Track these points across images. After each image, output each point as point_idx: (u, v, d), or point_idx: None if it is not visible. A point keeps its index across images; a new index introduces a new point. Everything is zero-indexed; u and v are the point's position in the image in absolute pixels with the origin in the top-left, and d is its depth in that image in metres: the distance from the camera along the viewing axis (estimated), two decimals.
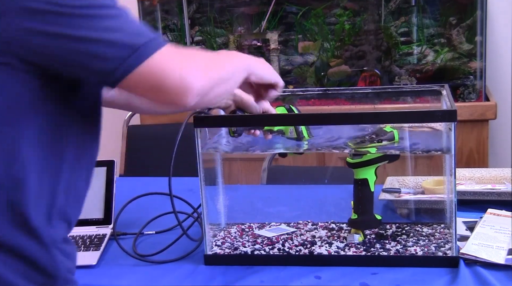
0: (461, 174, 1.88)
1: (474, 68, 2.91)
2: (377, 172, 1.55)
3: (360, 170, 1.55)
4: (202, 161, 1.54)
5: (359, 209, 1.56)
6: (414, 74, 2.97)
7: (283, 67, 3.08)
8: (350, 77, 3.04)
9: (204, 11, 3.08)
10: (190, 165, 1.81)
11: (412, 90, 1.79)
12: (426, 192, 1.79)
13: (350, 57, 3.02)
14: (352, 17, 2.99)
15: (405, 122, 1.52)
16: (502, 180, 1.84)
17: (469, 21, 2.90)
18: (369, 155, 1.52)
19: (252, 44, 3.07)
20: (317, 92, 2.20)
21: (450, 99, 1.51)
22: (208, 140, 1.59)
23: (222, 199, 1.69)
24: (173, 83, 1.08)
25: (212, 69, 1.17)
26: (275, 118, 1.55)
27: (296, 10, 3.03)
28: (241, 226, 1.71)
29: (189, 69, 1.10)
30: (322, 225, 1.69)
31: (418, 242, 1.56)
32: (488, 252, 1.46)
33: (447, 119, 1.42)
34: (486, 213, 1.65)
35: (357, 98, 1.81)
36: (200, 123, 1.51)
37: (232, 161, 2.57)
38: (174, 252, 1.59)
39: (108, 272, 1.54)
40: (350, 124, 1.57)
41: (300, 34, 3.05)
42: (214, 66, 1.19)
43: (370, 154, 1.51)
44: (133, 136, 2.69)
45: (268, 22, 3.03)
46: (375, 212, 1.59)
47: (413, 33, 2.97)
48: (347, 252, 1.54)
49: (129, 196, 1.82)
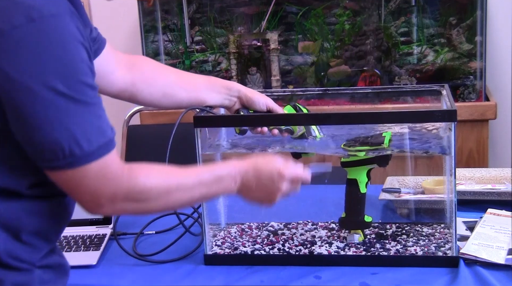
0: (461, 174, 1.88)
1: (474, 68, 2.91)
2: (370, 174, 1.55)
3: (351, 170, 1.55)
4: (202, 161, 1.54)
5: (347, 208, 1.57)
6: (414, 74, 2.97)
7: (283, 67, 3.08)
8: (350, 77, 3.04)
9: (204, 11, 3.08)
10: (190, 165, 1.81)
11: (412, 90, 1.78)
12: (426, 192, 1.79)
13: (350, 57, 3.02)
14: (352, 17, 2.99)
15: (405, 122, 1.53)
16: (502, 180, 1.84)
17: (469, 21, 2.89)
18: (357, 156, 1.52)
19: (252, 44, 3.07)
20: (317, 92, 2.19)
21: (450, 99, 1.51)
22: (208, 139, 1.59)
23: (222, 199, 1.69)
24: (84, 199, 1.16)
25: (136, 201, 1.18)
26: (275, 118, 1.55)
27: (296, 10, 3.03)
28: (241, 226, 1.71)
29: (102, 197, 1.15)
30: (322, 225, 1.69)
31: (418, 242, 1.56)
32: (488, 252, 1.46)
33: (447, 119, 1.42)
34: (486, 213, 1.65)
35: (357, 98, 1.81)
36: (200, 123, 1.51)
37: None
38: (174, 252, 1.59)
39: (108, 272, 1.54)
40: (350, 124, 1.57)
41: (300, 34, 3.05)
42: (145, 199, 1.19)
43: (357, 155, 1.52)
44: (133, 136, 2.69)
45: (268, 22, 3.03)
46: (374, 213, 1.59)
47: (413, 33, 2.97)
48: (347, 252, 1.54)
49: None
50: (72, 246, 1.64)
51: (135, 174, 1.18)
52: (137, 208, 1.20)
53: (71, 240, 1.66)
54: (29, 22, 1.04)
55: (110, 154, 1.13)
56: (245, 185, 1.30)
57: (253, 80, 3.07)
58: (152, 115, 3.00)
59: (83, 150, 1.09)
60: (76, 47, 1.08)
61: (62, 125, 1.07)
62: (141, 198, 1.19)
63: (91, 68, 1.12)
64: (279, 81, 3.06)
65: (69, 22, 1.08)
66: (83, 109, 1.09)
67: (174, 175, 1.24)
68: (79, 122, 1.09)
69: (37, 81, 1.05)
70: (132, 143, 2.68)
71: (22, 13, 1.04)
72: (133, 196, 1.18)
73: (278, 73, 3.06)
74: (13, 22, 1.04)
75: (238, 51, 3.07)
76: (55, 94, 1.06)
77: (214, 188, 1.28)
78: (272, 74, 3.05)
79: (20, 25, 1.04)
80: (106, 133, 1.13)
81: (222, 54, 3.11)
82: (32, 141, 1.09)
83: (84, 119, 1.09)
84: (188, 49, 3.12)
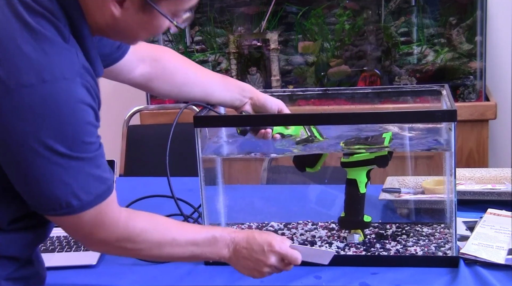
0: (461, 174, 1.88)
1: (474, 68, 2.91)
2: (370, 174, 1.55)
3: (350, 171, 1.55)
4: (202, 161, 1.54)
5: (346, 208, 1.57)
6: (414, 74, 2.97)
7: (283, 67, 3.08)
8: (350, 77, 3.04)
9: (204, 11, 3.08)
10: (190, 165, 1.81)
11: (412, 90, 1.78)
12: (426, 192, 1.79)
13: (350, 57, 3.02)
14: (352, 17, 2.99)
15: (405, 122, 1.53)
16: (502, 180, 1.84)
17: (469, 21, 2.89)
18: (357, 156, 1.52)
19: (252, 44, 3.07)
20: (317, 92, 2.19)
21: (450, 99, 1.51)
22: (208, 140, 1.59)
23: (222, 199, 1.69)
24: (78, 238, 1.23)
25: (129, 249, 1.23)
26: (276, 118, 1.55)
27: (296, 10, 3.03)
28: (241, 226, 1.71)
29: (96, 240, 1.19)
30: (322, 225, 1.69)
31: (418, 242, 1.56)
32: (488, 252, 1.46)
33: (447, 119, 1.42)
34: (486, 213, 1.65)
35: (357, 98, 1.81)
36: (200, 123, 1.51)
37: (232, 161, 2.57)
38: None
39: (108, 272, 1.54)
40: (350, 124, 1.56)
41: (300, 34, 3.05)
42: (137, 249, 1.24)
43: (357, 155, 1.52)
44: (133, 136, 2.69)
45: (268, 22, 3.03)
46: (374, 213, 1.59)
47: (413, 33, 2.97)
48: (347, 252, 1.54)
49: (129, 196, 1.82)
50: (72, 246, 1.64)
51: (132, 223, 1.21)
52: (129, 254, 1.27)
53: (71, 240, 1.66)
54: (39, 83, 1.04)
55: (108, 200, 1.16)
56: (236, 253, 1.32)
57: (253, 80, 3.07)
58: (152, 115, 3.00)
59: (81, 201, 1.12)
60: (82, 110, 1.08)
61: (61, 181, 1.09)
62: (134, 247, 1.22)
63: (96, 125, 1.13)
64: (279, 81, 3.06)
65: (79, 84, 1.08)
66: (83, 164, 1.10)
67: (170, 229, 1.27)
68: (78, 177, 1.10)
69: (39, 141, 1.06)
70: (132, 143, 2.68)
71: (34, 72, 1.04)
72: (126, 244, 1.21)
73: (278, 73, 3.06)
74: (23, 81, 1.04)
75: (238, 51, 3.07)
76: (55, 154, 1.07)
77: (207, 250, 1.30)
78: (272, 74, 3.05)
79: (30, 85, 1.04)
80: (105, 180, 1.15)
81: (222, 54, 3.11)
82: (31, 193, 1.11)
83: (83, 173, 1.11)
84: (188, 49, 3.12)
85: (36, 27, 1.06)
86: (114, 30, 1.16)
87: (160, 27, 1.17)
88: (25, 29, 1.05)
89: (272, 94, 1.68)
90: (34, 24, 1.06)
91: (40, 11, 1.07)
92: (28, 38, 1.05)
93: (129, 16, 1.12)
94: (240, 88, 1.58)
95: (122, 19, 1.13)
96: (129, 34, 1.19)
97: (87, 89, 1.09)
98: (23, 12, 1.06)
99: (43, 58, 1.05)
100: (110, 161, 1.79)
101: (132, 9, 1.11)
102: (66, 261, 1.58)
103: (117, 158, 2.26)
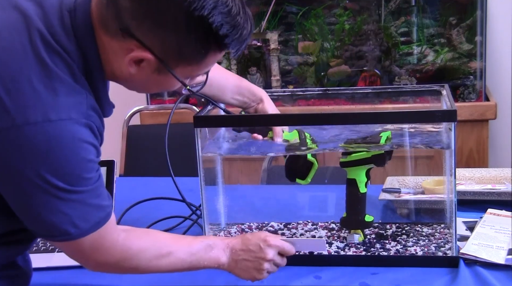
0: (461, 174, 1.88)
1: (474, 68, 2.91)
2: (369, 174, 1.55)
3: (350, 170, 1.55)
4: (202, 161, 1.54)
5: (348, 208, 1.57)
6: (414, 74, 2.97)
7: (283, 67, 3.08)
8: (350, 77, 3.04)
9: None
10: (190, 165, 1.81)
11: (412, 90, 1.78)
12: (426, 192, 1.79)
13: (350, 57, 3.02)
14: (352, 17, 2.99)
15: (405, 122, 1.52)
16: (502, 180, 1.84)
17: (469, 21, 2.89)
18: (355, 155, 1.52)
19: (252, 44, 3.07)
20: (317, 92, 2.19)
21: (450, 99, 1.51)
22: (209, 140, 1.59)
23: (222, 199, 1.69)
24: (77, 260, 1.24)
25: (127, 269, 1.27)
26: (275, 118, 1.55)
27: (296, 10, 3.03)
28: (241, 226, 1.71)
29: (94, 262, 1.23)
30: (322, 225, 1.69)
31: (418, 242, 1.56)
32: (488, 252, 1.46)
33: (447, 119, 1.42)
34: (486, 213, 1.65)
35: (357, 98, 1.81)
36: (200, 123, 1.51)
37: (232, 161, 2.57)
38: None
39: None
40: (350, 124, 1.56)
41: (300, 34, 3.05)
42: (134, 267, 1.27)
43: (355, 154, 1.52)
44: (133, 136, 2.69)
45: (268, 22, 3.03)
46: (374, 213, 1.58)
47: (413, 33, 2.97)
48: (347, 252, 1.54)
49: (129, 196, 1.81)
50: None
51: (129, 243, 1.24)
52: (129, 271, 1.29)
53: None
54: (44, 122, 1.05)
55: (106, 224, 1.17)
56: (234, 257, 1.35)
57: (253, 80, 3.07)
58: (152, 115, 3.00)
59: (79, 229, 1.13)
60: (84, 148, 1.10)
61: (59, 212, 1.10)
62: (132, 265, 1.26)
63: (97, 161, 1.14)
64: (279, 81, 3.06)
65: (83, 125, 1.10)
66: (82, 196, 1.12)
67: (166, 243, 1.30)
68: (77, 207, 1.12)
69: (39, 175, 1.07)
70: (132, 143, 2.68)
71: (41, 110, 1.05)
72: (125, 263, 1.24)
73: (278, 73, 3.06)
74: (29, 117, 1.05)
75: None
76: (54, 188, 1.08)
77: (204, 258, 1.32)
78: (272, 74, 3.05)
79: (35, 122, 1.05)
80: (105, 208, 1.16)
81: None
82: (30, 220, 1.13)
83: (82, 204, 1.12)
84: None
85: (50, 65, 1.07)
86: (128, 83, 1.19)
87: (173, 86, 1.20)
88: (39, 65, 1.07)
89: (272, 94, 1.68)
90: (49, 61, 1.07)
91: (57, 50, 1.08)
92: (41, 75, 1.06)
93: (144, 75, 1.14)
94: (251, 93, 1.59)
95: (137, 75, 1.14)
96: (141, 88, 1.23)
97: (91, 128, 1.12)
98: (40, 47, 1.07)
99: (52, 97, 1.06)
100: (110, 161, 1.80)
101: (148, 69, 1.13)
102: (67, 261, 1.56)
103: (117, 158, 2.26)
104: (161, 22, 1.07)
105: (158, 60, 1.11)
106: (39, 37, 1.08)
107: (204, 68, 1.17)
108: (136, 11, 1.07)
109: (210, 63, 1.16)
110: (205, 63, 1.15)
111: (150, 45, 1.09)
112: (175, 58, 1.11)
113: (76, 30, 1.11)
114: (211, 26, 1.07)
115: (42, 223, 1.12)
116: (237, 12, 1.10)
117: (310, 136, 1.56)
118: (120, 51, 1.12)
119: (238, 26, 1.10)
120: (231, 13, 1.09)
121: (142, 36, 1.08)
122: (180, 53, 1.11)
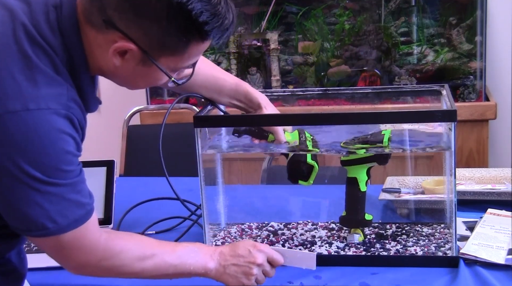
0: (461, 174, 1.88)
1: (474, 68, 2.91)
2: (370, 173, 1.55)
3: (350, 169, 1.55)
4: (202, 161, 1.54)
5: (348, 207, 1.57)
6: (414, 74, 2.97)
7: (283, 67, 3.08)
8: (350, 77, 3.04)
9: None
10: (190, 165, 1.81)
11: (412, 90, 1.78)
12: (426, 192, 1.79)
13: (350, 57, 3.02)
14: (352, 17, 2.99)
15: (405, 122, 1.52)
16: (502, 180, 1.84)
17: (469, 21, 2.89)
18: (357, 154, 1.52)
19: (252, 44, 3.07)
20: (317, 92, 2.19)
21: (450, 99, 1.51)
22: (208, 140, 1.59)
23: (222, 199, 1.69)
24: (57, 260, 1.21)
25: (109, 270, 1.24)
26: (274, 118, 1.55)
27: (296, 10, 3.03)
28: (241, 226, 1.71)
29: (74, 263, 1.20)
30: (322, 225, 1.69)
31: (418, 242, 1.56)
32: (488, 252, 1.46)
33: (447, 119, 1.42)
34: (486, 213, 1.65)
35: (357, 98, 1.81)
36: (200, 123, 1.51)
37: (232, 161, 2.57)
38: None
39: None
40: (350, 124, 1.56)
41: (300, 34, 3.05)
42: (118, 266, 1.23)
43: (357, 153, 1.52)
44: (133, 136, 2.69)
45: (268, 22, 3.03)
46: (374, 213, 1.58)
47: (413, 33, 2.97)
48: (347, 252, 1.54)
49: (129, 196, 1.81)
50: None
51: (111, 243, 1.22)
52: (112, 272, 1.25)
53: None
54: (23, 111, 1.06)
55: (87, 224, 1.16)
56: (222, 262, 1.32)
57: (253, 80, 3.07)
58: (152, 115, 3.00)
59: (57, 224, 1.12)
60: (61, 139, 1.10)
61: (36, 204, 1.10)
62: (115, 264, 1.23)
63: (77, 154, 1.14)
64: (279, 81, 3.06)
65: (62, 115, 1.10)
66: (60, 189, 1.11)
67: (150, 245, 1.28)
68: (55, 201, 1.11)
69: (17, 165, 1.07)
70: (132, 143, 2.68)
71: (21, 100, 1.06)
72: (108, 262, 1.22)
73: (278, 73, 3.06)
74: (8, 107, 1.06)
75: (238, 51, 3.07)
76: (32, 179, 1.08)
77: (190, 262, 1.29)
78: (272, 74, 3.05)
79: (14, 111, 1.06)
80: (84, 205, 1.15)
81: (222, 54, 3.11)
82: (8, 213, 1.13)
83: (60, 198, 1.12)
84: None
85: (32, 57, 1.08)
86: (114, 76, 1.20)
87: (159, 79, 1.20)
88: (21, 57, 1.08)
89: (272, 94, 1.68)
90: (31, 54, 1.08)
91: (41, 43, 1.10)
92: (22, 66, 1.08)
93: (129, 67, 1.15)
94: (248, 99, 1.58)
95: (122, 68, 1.15)
96: (128, 82, 1.22)
97: (71, 120, 1.11)
98: (23, 40, 1.09)
99: (32, 88, 1.07)
100: (110, 161, 1.80)
101: (132, 61, 1.14)
102: None
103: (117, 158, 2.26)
104: (142, 12, 1.09)
105: (141, 51, 1.12)
106: (23, 31, 1.09)
107: (188, 60, 1.17)
108: (118, 2, 1.09)
109: (193, 54, 1.17)
110: (188, 53, 1.15)
111: (133, 36, 1.10)
112: (158, 48, 1.12)
113: (61, 25, 1.12)
114: (190, 13, 1.08)
115: (19, 216, 1.11)
116: (218, 2, 1.11)
117: (310, 137, 1.56)
118: (105, 44, 1.13)
119: (219, 15, 1.12)
120: (211, 1, 1.10)
121: (124, 27, 1.10)
122: (162, 43, 1.11)
